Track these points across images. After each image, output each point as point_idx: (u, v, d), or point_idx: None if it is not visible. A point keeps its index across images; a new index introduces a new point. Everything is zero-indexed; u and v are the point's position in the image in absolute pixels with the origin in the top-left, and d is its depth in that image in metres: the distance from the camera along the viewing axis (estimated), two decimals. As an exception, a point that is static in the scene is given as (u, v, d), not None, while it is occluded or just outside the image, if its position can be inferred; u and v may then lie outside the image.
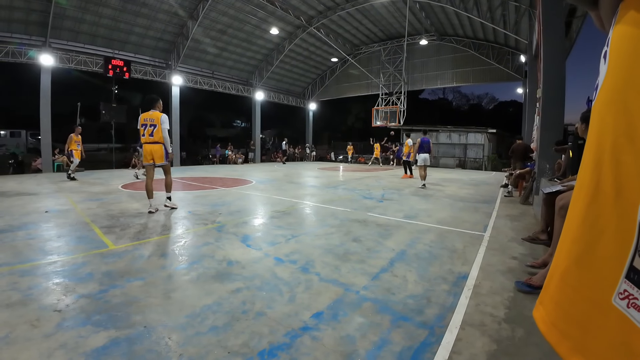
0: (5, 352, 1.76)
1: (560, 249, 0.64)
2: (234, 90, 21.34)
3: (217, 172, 13.91)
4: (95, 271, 2.88)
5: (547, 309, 0.64)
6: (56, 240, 3.89)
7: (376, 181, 10.44)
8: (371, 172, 14.46)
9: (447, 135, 20.35)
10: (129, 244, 3.70)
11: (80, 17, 13.81)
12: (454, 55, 20.08)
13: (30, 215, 5.27)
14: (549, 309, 0.64)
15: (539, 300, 0.68)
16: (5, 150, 19.61)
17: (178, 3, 15.04)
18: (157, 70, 17.39)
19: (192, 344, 1.83)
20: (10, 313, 2.19)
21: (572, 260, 0.59)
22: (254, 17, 17.23)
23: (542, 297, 0.67)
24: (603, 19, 0.63)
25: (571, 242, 0.60)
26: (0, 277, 2.76)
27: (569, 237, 0.62)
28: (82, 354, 1.75)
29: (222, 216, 5.12)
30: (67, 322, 2.06)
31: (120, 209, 5.69)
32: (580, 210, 0.59)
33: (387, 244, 3.66)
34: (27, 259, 3.26)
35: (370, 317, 2.11)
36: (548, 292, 0.65)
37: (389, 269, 2.91)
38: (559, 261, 0.63)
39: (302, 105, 26.75)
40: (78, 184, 9.30)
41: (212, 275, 2.79)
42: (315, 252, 3.36)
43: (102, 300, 2.35)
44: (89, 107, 15.58)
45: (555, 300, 0.62)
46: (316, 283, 2.63)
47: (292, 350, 1.78)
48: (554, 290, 0.63)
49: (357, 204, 6.27)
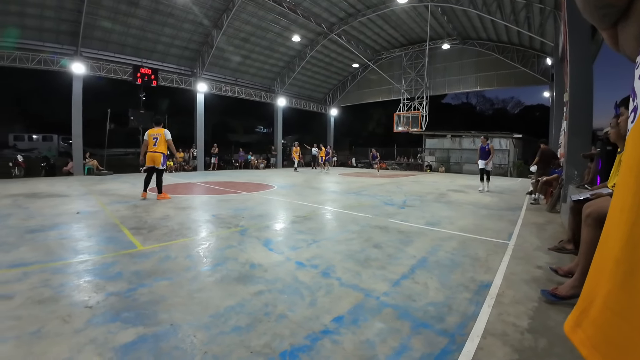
0: (37, 346, 1.85)
1: (601, 270, 0.62)
2: (257, 97, 21.76)
3: (240, 177, 14.14)
4: (124, 270, 3.01)
5: (587, 332, 0.61)
6: (87, 240, 4.09)
7: (398, 187, 10.35)
8: (392, 178, 14.33)
9: (471, 141, 19.93)
10: (156, 245, 3.85)
11: (110, 27, 14.53)
12: (477, 59, 19.74)
13: (62, 216, 5.54)
14: (589, 333, 0.61)
15: (576, 321, 0.64)
16: (38, 154, 20.57)
17: (203, 13, 15.56)
18: (183, 77, 17.98)
19: (216, 343, 1.88)
20: (42, 309, 2.30)
21: (616, 284, 0.57)
22: (276, 25, 17.57)
23: (579, 319, 0.64)
24: (626, 39, 0.61)
25: (614, 264, 0.58)
26: (33, 275, 2.92)
27: (610, 258, 0.59)
28: (111, 349, 1.83)
29: (244, 220, 5.22)
30: (97, 319, 2.16)
31: (148, 211, 5.91)
32: (624, 231, 0.57)
33: (408, 251, 3.63)
34: (59, 258, 3.44)
35: (391, 323, 2.11)
36: (588, 316, 0.62)
37: (410, 276, 2.90)
38: (600, 282, 0.61)
39: (324, 111, 26.93)
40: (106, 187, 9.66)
41: (235, 277, 2.86)
42: (336, 258, 3.37)
43: (130, 298, 2.45)
44: (118, 113, 16.23)
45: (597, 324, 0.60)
46: (337, 288, 2.64)
47: (312, 352, 1.80)
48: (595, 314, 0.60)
49: (378, 210, 6.24)
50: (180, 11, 14.99)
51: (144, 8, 14.22)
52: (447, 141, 20.87)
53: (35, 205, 6.51)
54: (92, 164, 14.90)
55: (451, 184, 11.52)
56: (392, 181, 12.66)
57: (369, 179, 13.24)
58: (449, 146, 20.82)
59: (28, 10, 12.43)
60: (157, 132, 7.02)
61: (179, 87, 17.93)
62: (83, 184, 10.70)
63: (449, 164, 20.53)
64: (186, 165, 18.45)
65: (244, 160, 21.74)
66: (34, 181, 11.81)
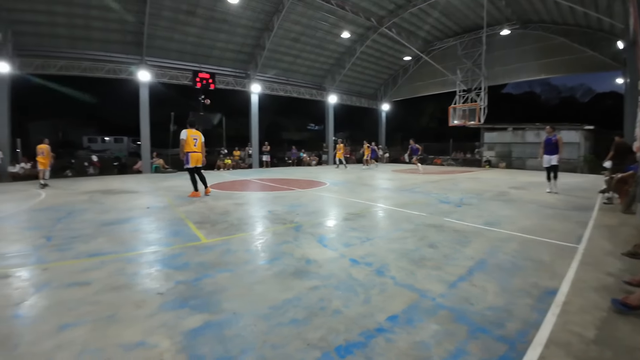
0: (112, 329, 2.08)
1: None
2: (308, 95, 22.11)
3: (293, 174, 14.50)
4: (190, 261, 3.29)
5: None
6: (157, 233, 4.52)
7: (454, 184, 9.93)
8: (448, 174, 13.78)
9: (535, 134, 18.30)
10: (217, 238, 4.14)
11: (169, 37, 15.76)
12: (540, 44, 18.02)
13: (134, 210, 6.16)
14: None
15: None
16: (111, 154, 22.83)
17: (254, 17, 16.18)
18: (238, 80, 18.83)
19: (274, 333, 2.00)
20: (117, 295, 2.58)
21: None
22: (325, 23, 17.66)
23: None
24: None
25: None
26: (109, 263, 3.28)
27: None
28: (180, 333, 2.02)
29: (299, 216, 5.39)
30: (168, 305, 2.39)
31: (209, 207, 6.34)
32: None
33: (466, 252, 3.51)
34: (133, 248, 3.84)
35: (446, 325, 2.08)
36: None
37: (468, 278, 2.81)
38: None
39: (375, 106, 26.54)
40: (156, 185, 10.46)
41: (291, 272, 2.99)
42: (389, 256, 3.37)
43: (197, 287, 2.68)
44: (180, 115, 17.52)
45: None
46: (391, 287, 2.65)
47: (367, 349, 1.84)
48: None
49: (432, 208, 6.07)
50: (234, 17, 15.70)
51: (200, 17, 15.14)
52: (508, 134, 19.32)
53: (109, 201, 7.29)
54: (158, 162, 16.22)
55: (512, 181, 10.78)
56: (448, 178, 12.15)
57: (422, 176, 12.86)
58: (510, 140, 19.24)
59: (94, 24, 13.86)
60: (196, 133, 7.46)
61: (234, 89, 18.83)
62: (151, 181, 11.70)
63: (510, 159, 19.04)
64: (242, 163, 19.38)
65: (296, 157, 22.23)
66: (108, 179, 13.19)
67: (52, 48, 14.14)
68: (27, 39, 13.52)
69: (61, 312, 2.30)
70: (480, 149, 20.88)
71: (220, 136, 19.85)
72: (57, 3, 12.56)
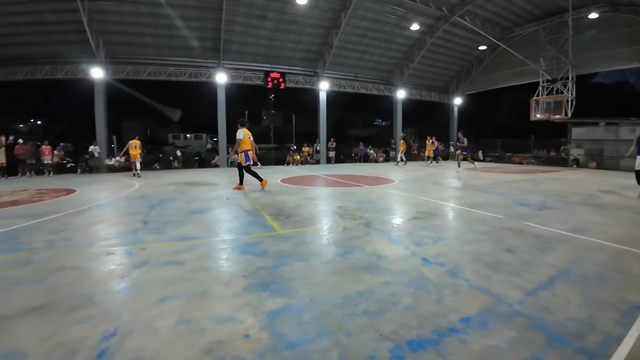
0: (204, 304, 2.40)
1: None
2: (376, 91, 21.93)
3: (360, 170, 14.56)
4: (269, 249, 3.59)
5: None
6: (236, 222, 4.98)
7: (534, 185, 9.13)
8: (528, 174, 12.69)
9: (631, 129, 15.76)
10: (292, 230, 4.42)
11: (243, 41, 16.93)
12: (631, 28, 15.46)
13: (215, 200, 6.82)
14: None
15: None
16: (192, 150, 25.29)
17: (322, 16, 16.54)
18: (307, 78, 19.45)
19: (348, 322, 2.13)
20: (207, 274, 2.95)
21: None
22: (393, 16, 17.31)
23: None
24: None
25: None
26: (199, 247, 3.74)
27: None
28: (262, 312, 2.25)
29: (368, 213, 5.47)
30: (251, 287, 2.66)
31: (282, 200, 6.75)
32: None
33: (547, 259, 3.28)
34: (217, 235, 4.32)
35: (523, 333, 2.01)
36: None
37: (548, 287, 2.64)
38: None
39: (446, 100, 25.26)
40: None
41: (362, 266, 3.10)
42: (463, 258, 3.30)
43: (275, 273, 2.93)
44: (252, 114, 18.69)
45: None
46: (465, 288, 2.62)
47: (439, 347, 1.87)
48: None
49: (510, 210, 5.69)
50: (302, 17, 16.27)
51: (271, 20, 16.00)
52: (599, 130, 16.79)
53: (193, 191, 8.15)
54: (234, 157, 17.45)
55: (603, 184, 9.53)
56: (527, 178, 11.17)
57: (498, 175, 12.02)
58: (601, 136, 16.68)
59: (176, 33, 15.50)
60: (249, 133, 8.09)
61: (303, 87, 19.49)
62: (228, 174, 12.66)
63: (601, 158, 16.63)
64: (310, 159, 20.03)
65: (363, 153, 22.19)
66: (190, 172, 14.73)
67: (141, 56, 16.30)
68: (118, 47, 15.74)
69: (160, 286, 2.68)
70: (566, 146, 18.63)
71: (290, 133, 20.64)
72: (144, 15, 14.41)
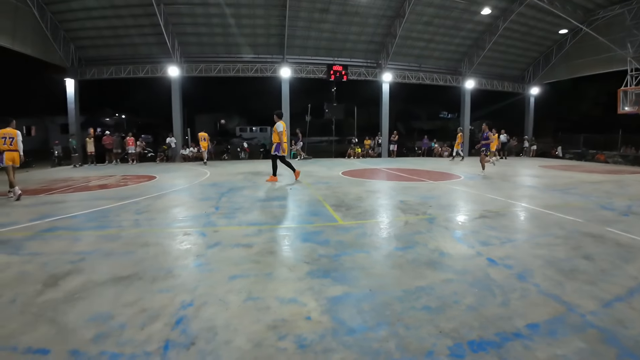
0: (271, 284, 2.57)
1: None
2: (442, 81, 20.71)
3: (423, 165, 14.12)
4: (330, 239, 3.69)
5: None
6: (299, 211, 5.22)
7: (620, 187, 8.02)
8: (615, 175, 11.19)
9: None
10: (353, 221, 4.48)
11: (306, 35, 17.24)
12: None
13: (279, 190, 7.18)
14: None
15: None
16: (257, 142, 27.19)
17: (385, 5, 16.07)
18: (369, 70, 19.15)
19: (407, 315, 2.12)
20: (273, 258, 3.16)
21: None
22: (462, 0, 16.18)
23: None
24: None
25: None
26: (265, 232, 3.99)
27: None
28: (324, 298, 2.34)
29: (432, 208, 5.31)
30: (313, 273, 2.78)
31: (344, 192, 6.85)
32: None
33: (628, 270, 2.89)
34: (282, 222, 4.57)
35: (594, 345, 1.84)
36: None
37: (626, 299, 2.36)
38: None
39: (520, 90, 22.83)
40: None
41: (424, 261, 3.04)
42: (534, 262, 3.06)
43: (337, 262, 3.02)
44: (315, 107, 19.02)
45: None
46: (534, 294, 2.44)
47: (502, 350, 1.78)
48: None
49: (591, 214, 5.08)
50: (365, 8, 15.99)
51: (333, 12, 15.99)
52: None
53: (261, 181, 8.60)
54: (296, 150, 17.96)
55: None
56: (614, 179, 9.83)
57: (579, 174, 10.78)
58: None
59: (244, 31, 16.43)
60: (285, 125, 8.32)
61: (366, 79, 19.22)
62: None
63: None
64: (371, 152, 19.84)
65: (427, 147, 21.34)
66: (255, 162, 15.67)
67: (212, 54, 17.63)
68: (191, 47, 17.26)
69: (230, 265, 2.94)
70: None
71: (352, 126, 20.63)
72: (214, 16, 15.51)
